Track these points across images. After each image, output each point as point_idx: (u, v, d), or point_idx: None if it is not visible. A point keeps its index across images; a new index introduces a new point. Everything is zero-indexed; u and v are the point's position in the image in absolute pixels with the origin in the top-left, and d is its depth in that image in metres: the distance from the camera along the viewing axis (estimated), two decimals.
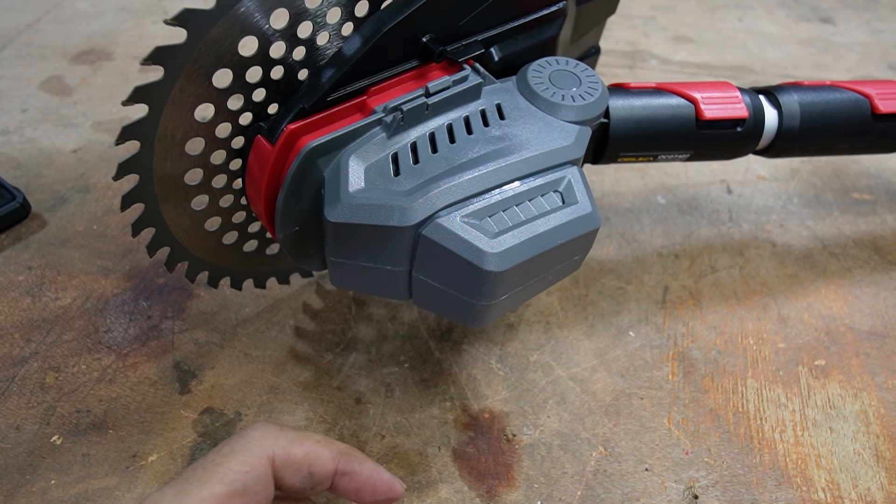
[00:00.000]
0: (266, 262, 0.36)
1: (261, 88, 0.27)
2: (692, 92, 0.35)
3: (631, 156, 0.35)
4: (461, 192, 0.26)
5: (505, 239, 0.25)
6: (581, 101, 0.29)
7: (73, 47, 0.59)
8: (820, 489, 0.32)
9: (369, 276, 0.28)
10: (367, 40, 0.27)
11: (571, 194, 0.27)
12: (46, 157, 0.47)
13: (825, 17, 0.73)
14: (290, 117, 0.27)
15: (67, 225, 0.42)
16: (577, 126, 0.29)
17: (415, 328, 0.38)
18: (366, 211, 0.25)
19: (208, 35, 0.24)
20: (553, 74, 0.30)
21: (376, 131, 0.27)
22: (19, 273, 0.39)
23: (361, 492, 0.25)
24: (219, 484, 0.22)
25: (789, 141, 0.37)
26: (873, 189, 0.50)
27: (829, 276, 0.43)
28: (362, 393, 0.34)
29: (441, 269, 0.26)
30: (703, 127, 0.35)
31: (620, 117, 0.33)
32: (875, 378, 0.37)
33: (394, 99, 0.27)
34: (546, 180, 0.27)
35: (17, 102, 0.52)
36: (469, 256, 0.25)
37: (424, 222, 0.25)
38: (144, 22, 0.63)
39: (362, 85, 0.28)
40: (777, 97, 0.37)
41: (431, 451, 0.32)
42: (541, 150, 0.27)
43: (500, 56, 0.30)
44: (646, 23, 0.68)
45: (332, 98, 0.27)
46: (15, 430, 0.31)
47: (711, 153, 0.36)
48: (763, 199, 0.49)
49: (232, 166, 0.30)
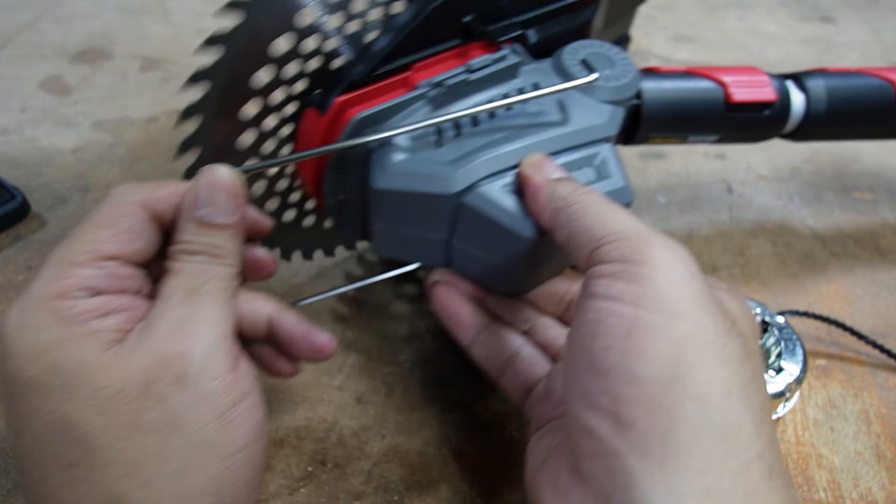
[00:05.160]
0: (295, 231, 0.36)
1: (314, 58, 0.28)
2: (721, 75, 0.36)
3: (661, 136, 0.36)
4: (501, 163, 0.27)
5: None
6: (615, 83, 0.30)
7: (73, 47, 0.59)
8: (821, 489, 0.32)
9: (410, 243, 0.30)
10: (414, 18, 0.28)
11: (606, 169, 0.28)
12: (46, 156, 0.47)
13: (826, 16, 0.73)
14: (339, 90, 0.28)
15: (67, 225, 0.42)
16: (610, 106, 0.30)
17: (415, 328, 0.37)
18: (410, 179, 0.27)
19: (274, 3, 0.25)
20: (588, 56, 0.31)
21: (420, 105, 0.29)
22: (19, 273, 0.39)
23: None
24: (101, 229, 0.22)
25: (815, 125, 0.38)
26: (874, 188, 0.50)
27: (830, 275, 0.43)
28: (362, 393, 0.34)
29: (481, 236, 0.28)
30: (732, 110, 0.36)
31: (652, 99, 0.34)
32: (876, 378, 0.37)
33: (437, 75, 0.29)
34: (581, 155, 0.28)
35: (16, 102, 0.52)
36: (509, 223, 0.26)
37: (466, 191, 0.27)
38: (144, 21, 0.63)
39: (407, 61, 0.29)
40: (804, 82, 0.37)
41: (432, 451, 0.32)
42: (577, 127, 0.29)
43: (537, 38, 0.32)
44: (646, 22, 0.68)
45: (380, 72, 0.29)
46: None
47: (739, 135, 0.38)
48: (764, 199, 0.48)
49: (281, 133, 0.31)
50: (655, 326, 0.20)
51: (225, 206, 0.23)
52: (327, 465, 0.31)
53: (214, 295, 0.23)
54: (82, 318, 0.21)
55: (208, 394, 0.21)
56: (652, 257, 0.21)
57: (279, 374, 0.28)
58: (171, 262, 0.23)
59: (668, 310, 0.20)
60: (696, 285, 0.21)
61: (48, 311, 0.21)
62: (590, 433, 0.20)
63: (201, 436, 0.21)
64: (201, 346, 0.21)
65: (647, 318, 0.20)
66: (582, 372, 0.21)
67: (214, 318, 0.22)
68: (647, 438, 0.19)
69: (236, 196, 0.24)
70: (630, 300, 0.21)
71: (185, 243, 0.23)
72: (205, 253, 0.23)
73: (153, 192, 0.23)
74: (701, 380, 0.20)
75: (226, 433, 0.21)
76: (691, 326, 0.20)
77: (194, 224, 0.23)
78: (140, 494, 0.20)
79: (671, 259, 0.21)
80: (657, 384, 0.19)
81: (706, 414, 0.19)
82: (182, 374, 0.21)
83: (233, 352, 0.23)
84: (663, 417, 0.19)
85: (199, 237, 0.23)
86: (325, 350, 0.27)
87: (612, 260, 0.22)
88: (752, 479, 0.19)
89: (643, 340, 0.20)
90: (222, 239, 0.23)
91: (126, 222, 0.22)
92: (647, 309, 0.20)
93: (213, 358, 0.21)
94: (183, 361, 0.21)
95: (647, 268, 0.21)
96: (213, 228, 0.23)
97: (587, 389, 0.21)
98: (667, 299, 0.21)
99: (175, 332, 0.21)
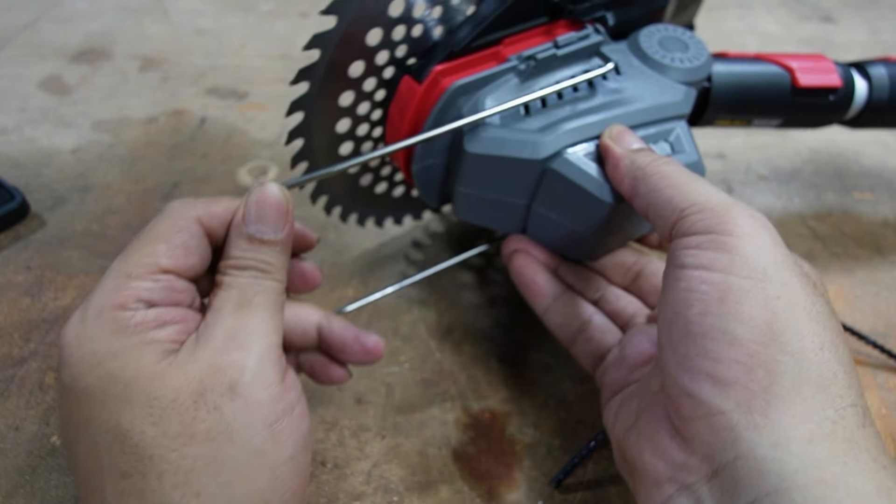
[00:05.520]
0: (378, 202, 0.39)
1: (403, 45, 0.30)
2: (789, 61, 0.37)
3: (727, 118, 0.37)
4: (584, 133, 0.29)
5: None
6: (689, 64, 0.32)
7: (73, 47, 0.59)
8: None
9: (492, 208, 0.32)
10: None
11: (680, 144, 0.30)
12: (46, 156, 0.47)
13: (826, 16, 0.73)
14: (437, 60, 0.30)
15: (67, 225, 0.42)
16: (684, 86, 0.32)
17: (415, 328, 0.37)
18: (501, 144, 0.29)
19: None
20: (663, 39, 0.33)
21: (510, 76, 0.30)
22: (18, 273, 0.39)
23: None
24: (158, 243, 0.23)
25: (876, 112, 0.39)
26: (874, 188, 0.50)
27: (831, 276, 0.43)
28: (362, 393, 0.34)
29: (562, 201, 0.30)
30: (798, 94, 0.37)
31: (722, 82, 0.36)
32: (876, 378, 0.37)
33: (526, 49, 0.30)
34: (658, 130, 0.30)
35: (16, 102, 0.52)
36: (591, 188, 0.28)
37: (552, 157, 0.29)
38: (144, 21, 0.63)
39: (498, 36, 0.31)
40: (867, 70, 0.39)
41: (432, 452, 0.32)
42: (653, 104, 0.30)
43: (615, 21, 0.33)
44: None
45: (474, 45, 0.30)
46: (14, 430, 0.31)
47: (802, 120, 0.39)
48: (764, 199, 0.48)
49: (373, 116, 0.33)
50: (748, 290, 0.21)
51: (274, 222, 0.24)
52: (327, 466, 0.31)
53: (264, 307, 0.23)
54: (139, 328, 0.21)
55: (259, 403, 0.21)
56: (737, 227, 0.22)
57: (332, 381, 0.29)
58: (222, 275, 0.24)
59: (758, 275, 0.22)
60: (781, 251, 0.23)
61: (106, 322, 0.21)
62: (690, 396, 0.21)
63: (252, 445, 0.21)
64: (253, 356, 0.22)
65: (738, 283, 0.21)
66: (678, 338, 0.22)
67: (264, 330, 0.23)
68: (750, 394, 0.20)
69: (285, 213, 0.24)
70: (720, 268, 0.22)
71: (236, 258, 0.24)
72: (254, 268, 0.24)
73: (207, 207, 0.24)
74: (795, 336, 0.21)
75: (275, 443, 0.21)
76: (781, 288, 0.21)
77: (244, 240, 0.24)
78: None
79: (757, 227, 0.23)
80: (756, 343, 0.21)
81: (804, 367, 0.20)
82: (235, 383, 0.21)
83: (281, 363, 0.23)
84: (763, 373, 0.20)
85: (248, 253, 0.24)
86: (376, 351, 0.28)
87: (697, 231, 0.23)
88: (849, 425, 0.20)
89: (738, 304, 0.21)
90: (271, 255, 0.24)
91: (182, 237, 0.23)
92: (738, 275, 0.22)
93: (263, 368, 0.22)
94: (236, 371, 0.21)
95: (733, 237, 0.22)
96: (262, 244, 0.24)
97: (685, 354, 0.22)
98: (756, 265, 0.22)
99: (228, 343, 0.22)
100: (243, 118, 0.52)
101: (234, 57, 0.59)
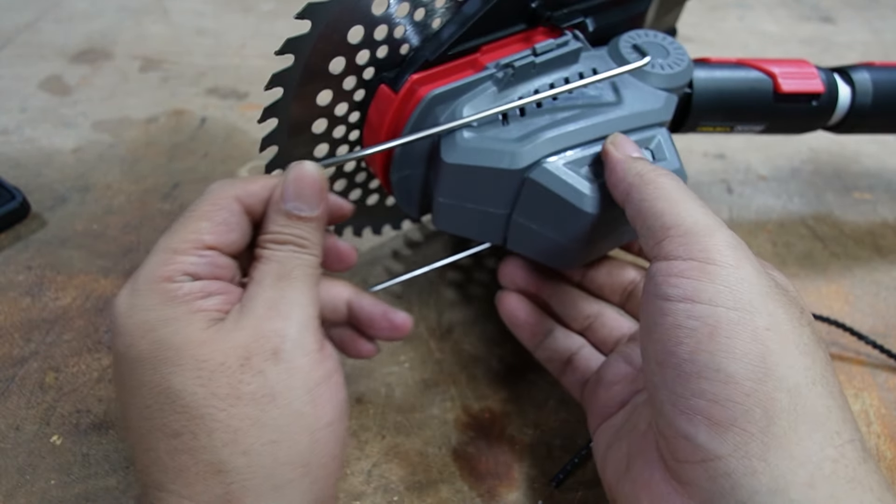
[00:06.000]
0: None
1: (384, 45, 0.29)
2: (771, 67, 0.36)
3: (709, 125, 0.37)
4: (563, 142, 0.29)
5: (602, 185, 0.28)
6: (669, 70, 0.32)
7: (73, 47, 0.59)
8: None
9: (471, 217, 0.31)
10: (486, 2, 0.29)
11: (661, 151, 0.30)
12: (46, 156, 0.47)
13: (826, 16, 0.73)
14: (412, 69, 0.29)
15: (67, 225, 0.42)
16: (664, 92, 0.31)
17: (415, 328, 0.37)
18: (478, 154, 0.28)
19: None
20: (643, 45, 0.33)
21: (488, 85, 0.30)
22: (19, 273, 0.39)
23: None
24: (201, 221, 0.24)
25: (860, 117, 0.38)
26: (874, 188, 0.50)
27: (830, 275, 0.43)
28: (362, 393, 0.34)
29: (542, 210, 0.29)
30: (780, 100, 0.36)
31: (703, 88, 0.35)
32: (876, 378, 0.37)
33: (504, 57, 0.30)
34: (639, 137, 0.30)
35: (16, 102, 0.52)
36: (571, 198, 0.28)
37: (531, 166, 0.28)
38: (144, 21, 0.63)
39: (476, 43, 0.31)
40: (850, 75, 0.38)
41: (432, 451, 0.32)
42: (634, 111, 0.30)
43: (595, 27, 0.33)
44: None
45: (451, 53, 0.30)
46: (15, 430, 0.31)
47: (785, 126, 0.38)
48: (763, 199, 0.48)
49: (351, 118, 0.32)
50: (736, 323, 0.21)
51: (310, 199, 0.25)
52: None
53: (302, 280, 0.24)
54: (187, 298, 0.22)
55: (300, 369, 0.22)
56: (721, 255, 0.22)
57: (361, 355, 0.30)
58: (262, 249, 0.25)
59: (745, 305, 0.21)
60: (764, 280, 0.22)
61: (156, 293, 0.22)
62: (687, 439, 0.21)
63: (294, 408, 0.22)
64: (294, 324, 0.23)
65: (727, 315, 0.21)
66: (670, 378, 0.22)
67: (303, 301, 0.24)
68: (747, 437, 0.20)
69: (321, 190, 0.25)
70: (706, 299, 0.21)
71: (274, 233, 0.25)
72: (292, 243, 0.25)
73: (245, 186, 0.25)
74: (789, 371, 0.20)
75: (314, 407, 0.22)
76: (769, 320, 0.21)
77: (283, 216, 0.25)
78: (240, 462, 0.21)
79: (739, 258, 0.22)
80: (751, 380, 0.20)
81: (799, 404, 0.20)
82: (277, 349, 0.22)
83: (319, 333, 0.24)
84: (760, 413, 0.20)
85: (286, 228, 0.25)
86: (403, 327, 0.28)
87: (679, 256, 0.23)
88: (850, 462, 0.20)
89: (729, 339, 0.21)
90: (307, 230, 0.25)
91: (222, 215, 0.24)
92: (725, 306, 0.21)
93: (303, 336, 0.23)
94: (278, 338, 0.22)
95: (716, 266, 0.22)
96: (299, 220, 0.25)
97: (678, 394, 0.21)
98: (741, 295, 0.21)
99: (269, 312, 0.23)
100: (243, 118, 0.52)
101: (234, 57, 0.59)
